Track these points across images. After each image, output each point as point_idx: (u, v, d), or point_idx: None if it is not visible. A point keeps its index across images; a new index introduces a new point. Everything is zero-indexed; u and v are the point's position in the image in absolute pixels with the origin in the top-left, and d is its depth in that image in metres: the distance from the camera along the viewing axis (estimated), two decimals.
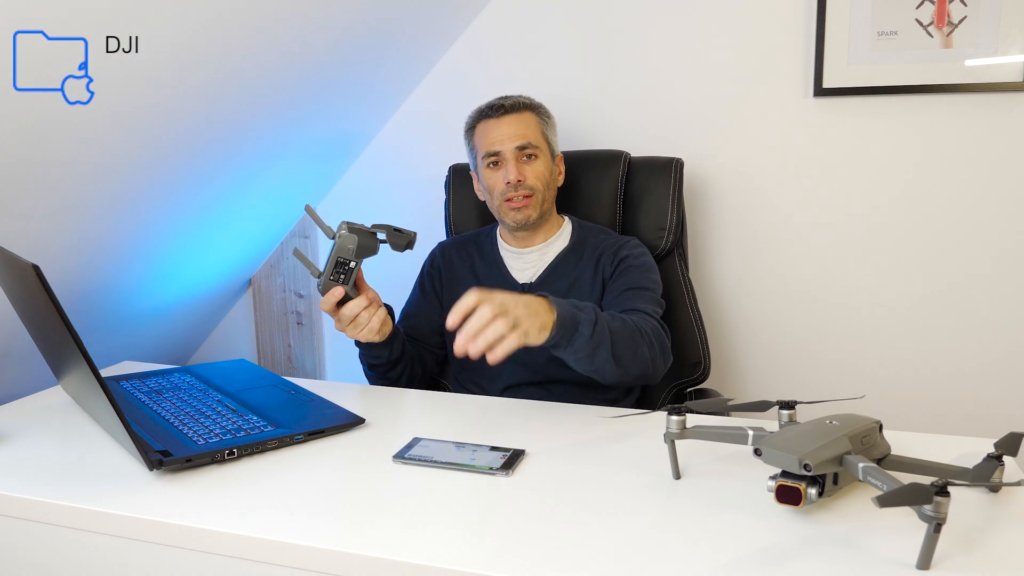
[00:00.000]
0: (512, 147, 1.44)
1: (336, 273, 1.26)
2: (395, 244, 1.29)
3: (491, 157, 1.45)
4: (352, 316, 1.28)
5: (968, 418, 1.79)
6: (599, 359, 1.15)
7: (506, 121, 1.45)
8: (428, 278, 1.57)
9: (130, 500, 0.91)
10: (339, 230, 1.27)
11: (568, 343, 1.12)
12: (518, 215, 1.45)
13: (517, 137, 1.44)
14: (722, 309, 1.92)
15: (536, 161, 1.46)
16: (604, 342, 1.14)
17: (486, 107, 1.49)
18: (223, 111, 1.54)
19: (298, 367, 2.29)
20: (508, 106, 1.46)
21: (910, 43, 1.65)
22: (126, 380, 1.34)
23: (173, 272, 1.92)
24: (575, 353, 1.14)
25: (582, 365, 1.17)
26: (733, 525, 0.83)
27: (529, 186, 1.44)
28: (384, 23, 1.70)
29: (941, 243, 1.75)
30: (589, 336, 1.12)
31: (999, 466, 0.87)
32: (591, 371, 1.19)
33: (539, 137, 1.47)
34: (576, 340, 1.12)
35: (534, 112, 1.49)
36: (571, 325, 1.11)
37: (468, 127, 1.52)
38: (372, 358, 1.40)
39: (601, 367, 1.17)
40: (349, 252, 1.26)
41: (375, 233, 1.28)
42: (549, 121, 1.51)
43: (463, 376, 1.52)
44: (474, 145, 1.51)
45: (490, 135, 1.46)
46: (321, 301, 1.28)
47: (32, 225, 1.40)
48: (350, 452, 1.06)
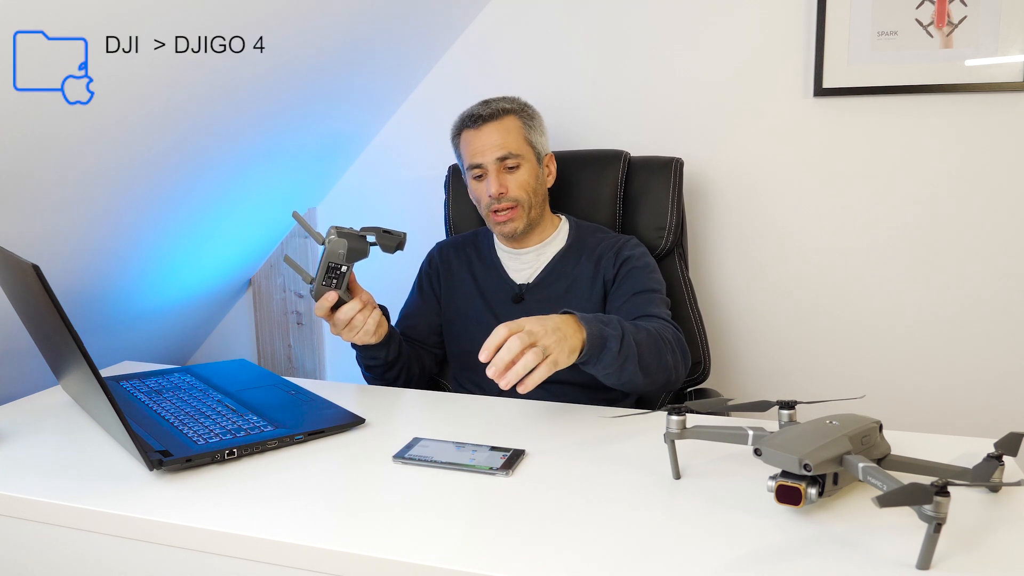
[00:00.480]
0: (492, 159, 1.42)
1: (328, 278, 1.26)
2: (385, 246, 1.29)
3: (474, 170, 1.45)
4: (347, 320, 1.27)
5: (968, 418, 1.79)
6: (627, 372, 1.16)
7: (486, 131, 1.43)
8: (426, 278, 1.57)
9: (130, 500, 0.91)
10: (328, 235, 1.26)
11: (597, 360, 1.13)
12: (504, 227, 1.44)
13: (497, 148, 1.42)
14: (722, 309, 1.92)
15: (519, 171, 1.44)
16: (631, 355, 1.15)
17: (467, 116, 1.46)
18: (223, 111, 1.54)
19: (298, 367, 2.29)
20: (487, 115, 1.44)
21: (910, 43, 1.65)
22: (126, 380, 1.34)
23: (173, 272, 1.92)
24: (604, 369, 1.14)
25: (611, 379, 1.18)
26: (733, 525, 0.83)
27: (512, 197, 1.42)
28: (384, 24, 1.70)
29: (941, 242, 1.75)
30: (617, 351, 1.13)
31: (999, 466, 0.87)
32: (619, 384, 1.19)
33: (521, 143, 1.45)
34: (605, 356, 1.13)
35: (516, 115, 1.46)
36: (600, 343, 1.11)
37: (453, 135, 1.51)
38: (369, 359, 1.40)
39: (630, 379, 1.18)
40: (340, 257, 1.25)
41: (364, 236, 1.27)
42: (533, 123, 1.48)
43: (463, 376, 1.52)
44: (460, 155, 1.50)
45: (471, 146, 1.44)
46: (315, 307, 1.27)
47: (32, 225, 1.40)
48: (350, 452, 1.06)
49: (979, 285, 1.74)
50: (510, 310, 1.47)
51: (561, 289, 1.45)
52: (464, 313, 1.50)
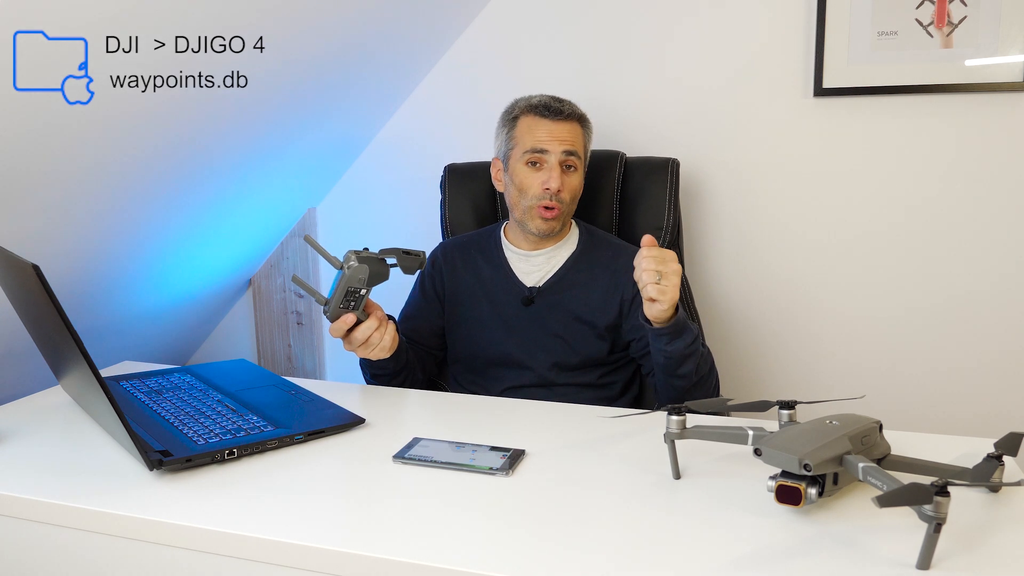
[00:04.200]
0: (560, 150, 1.41)
1: (346, 301, 1.22)
2: (406, 268, 1.26)
3: (535, 155, 1.42)
4: (364, 339, 1.26)
5: (968, 418, 1.79)
6: (686, 366, 1.27)
7: (559, 125, 1.42)
8: (429, 279, 1.55)
9: (130, 500, 0.91)
10: (347, 261, 1.21)
11: (671, 340, 1.24)
12: (544, 225, 1.43)
13: (566, 143, 1.42)
14: (720, 309, 1.92)
15: (574, 174, 1.44)
16: (694, 356, 1.27)
17: (540, 104, 1.44)
18: (223, 111, 1.53)
19: (298, 367, 2.29)
20: (566, 112, 1.43)
21: (910, 43, 1.65)
22: (126, 380, 1.34)
23: (173, 272, 1.92)
24: (671, 352, 1.25)
25: (670, 365, 1.27)
26: (733, 525, 0.83)
27: (562, 199, 1.42)
28: (384, 24, 1.70)
29: (941, 242, 1.75)
30: (689, 343, 1.25)
31: (999, 466, 0.87)
32: (675, 373, 1.28)
33: (582, 149, 1.46)
34: (678, 342, 1.24)
35: (581, 125, 1.46)
36: (683, 327, 1.24)
37: (511, 115, 1.47)
38: (376, 369, 1.38)
39: (687, 373, 1.28)
40: (360, 282, 1.22)
41: (384, 259, 1.24)
42: (590, 136, 1.49)
43: (465, 378, 1.51)
44: (514, 136, 1.46)
45: (539, 131, 1.42)
46: (331, 328, 1.24)
47: (32, 225, 1.40)
48: (350, 452, 1.06)
49: (979, 285, 1.74)
50: (519, 313, 1.46)
51: (573, 295, 1.44)
52: (469, 315, 1.49)
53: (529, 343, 1.44)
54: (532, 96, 1.47)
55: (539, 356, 1.44)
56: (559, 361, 1.43)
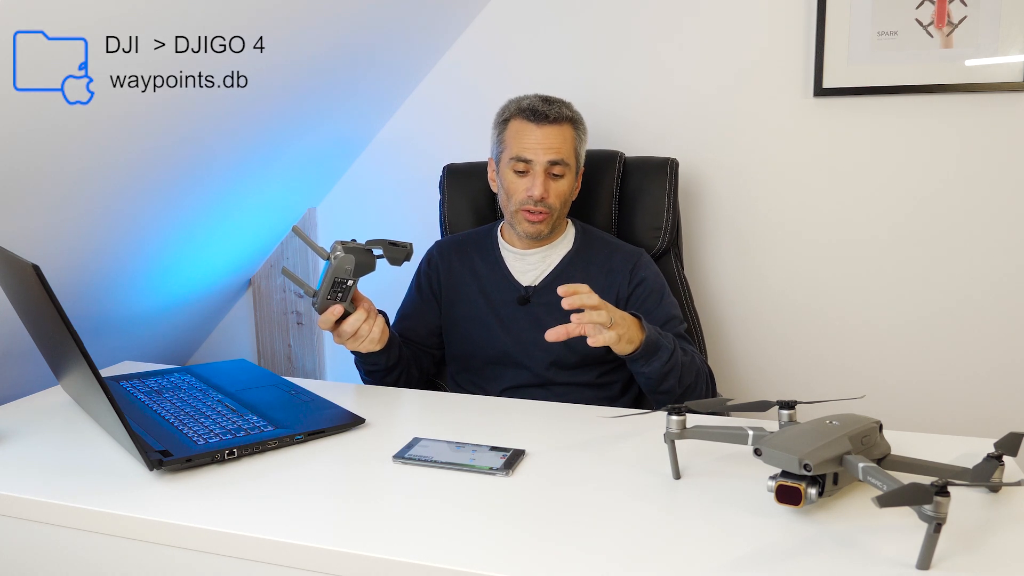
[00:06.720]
0: (545, 160, 1.41)
1: (334, 292, 1.24)
2: (392, 259, 1.28)
3: (520, 163, 1.42)
4: (353, 331, 1.27)
5: (968, 418, 1.79)
6: (667, 383, 1.28)
7: (546, 131, 1.41)
8: (425, 278, 1.55)
9: (130, 500, 0.91)
10: (334, 251, 1.23)
11: (645, 363, 1.24)
12: (530, 228, 1.43)
13: (552, 151, 1.41)
14: (719, 309, 1.92)
15: (561, 180, 1.43)
16: (675, 371, 1.27)
17: (528, 108, 1.43)
18: (223, 111, 1.53)
19: (298, 367, 2.29)
20: (552, 117, 1.41)
21: (910, 43, 1.65)
22: (126, 380, 1.34)
23: (173, 272, 1.92)
24: (648, 374, 1.26)
25: (650, 384, 1.29)
26: (733, 525, 0.83)
27: (548, 204, 1.42)
28: (384, 24, 1.70)
29: (941, 243, 1.75)
30: (665, 361, 1.25)
31: (999, 466, 0.87)
32: (657, 391, 1.30)
33: (571, 154, 1.44)
34: (653, 362, 1.24)
35: (573, 126, 1.45)
36: (653, 349, 1.23)
37: (502, 118, 1.47)
38: (369, 365, 1.39)
39: (669, 389, 1.29)
40: (347, 272, 1.23)
41: (371, 250, 1.25)
42: (583, 136, 1.48)
43: (462, 377, 1.52)
44: (504, 139, 1.46)
45: (525, 139, 1.42)
46: (319, 320, 1.26)
47: (32, 225, 1.40)
48: (350, 452, 1.06)
49: (979, 285, 1.74)
50: (514, 312, 1.46)
51: None
52: (466, 314, 1.49)
53: (526, 342, 1.44)
54: (523, 98, 1.47)
55: (536, 355, 1.44)
56: (557, 360, 1.43)
